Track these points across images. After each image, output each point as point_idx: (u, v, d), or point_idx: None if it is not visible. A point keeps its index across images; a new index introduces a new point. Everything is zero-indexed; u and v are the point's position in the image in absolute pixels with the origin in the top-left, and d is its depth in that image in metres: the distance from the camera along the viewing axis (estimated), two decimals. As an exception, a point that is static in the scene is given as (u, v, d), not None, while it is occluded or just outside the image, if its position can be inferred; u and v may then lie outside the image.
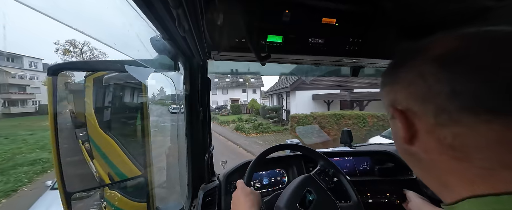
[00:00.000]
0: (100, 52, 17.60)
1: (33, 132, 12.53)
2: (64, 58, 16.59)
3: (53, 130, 0.94)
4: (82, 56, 16.87)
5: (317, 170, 0.87)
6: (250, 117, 18.01)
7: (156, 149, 1.33)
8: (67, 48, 16.95)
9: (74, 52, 16.91)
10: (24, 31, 33.12)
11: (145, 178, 1.16)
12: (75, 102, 1.40)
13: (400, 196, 1.07)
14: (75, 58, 16.74)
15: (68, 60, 15.93)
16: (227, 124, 15.74)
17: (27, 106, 20.58)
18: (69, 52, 16.91)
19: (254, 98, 24.51)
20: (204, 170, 0.98)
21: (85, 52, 17.24)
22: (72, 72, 0.97)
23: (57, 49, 16.75)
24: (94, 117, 1.24)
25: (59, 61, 15.98)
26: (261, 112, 18.10)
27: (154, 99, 5.49)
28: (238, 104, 26.25)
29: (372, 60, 0.69)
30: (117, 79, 1.31)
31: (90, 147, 1.28)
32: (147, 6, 0.46)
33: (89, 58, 17.12)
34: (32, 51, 32.26)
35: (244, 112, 23.56)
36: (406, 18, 0.54)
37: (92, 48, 17.37)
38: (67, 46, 17.01)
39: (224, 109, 26.02)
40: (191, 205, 0.97)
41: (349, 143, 1.40)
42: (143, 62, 0.75)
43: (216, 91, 32.52)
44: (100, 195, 1.58)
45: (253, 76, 31.81)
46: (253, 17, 0.48)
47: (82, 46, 16.71)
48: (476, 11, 0.47)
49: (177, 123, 1.11)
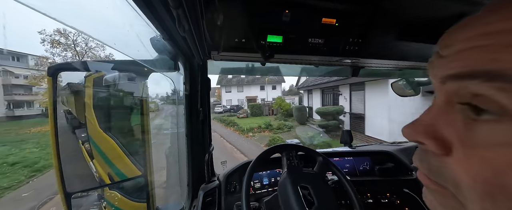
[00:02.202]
0: (96, 44, 16.02)
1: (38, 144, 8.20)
2: (54, 51, 15.10)
3: (53, 130, 0.94)
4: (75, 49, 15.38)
5: (287, 161, 0.87)
6: (280, 121, 12.70)
7: (161, 149, 1.33)
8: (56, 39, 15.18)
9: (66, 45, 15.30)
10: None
11: (145, 178, 1.16)
12: (75, 103, 1.40)
13: (400, 196, 1.07)
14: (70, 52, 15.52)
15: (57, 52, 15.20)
16: (252, 133, 10.52)
17: (32, 108, 20.41)
18: (60, 45, 15.25)
19: (282, 97, 19.10)
20: (204, 170, 0.98)
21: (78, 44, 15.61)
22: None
23: (43, 40, 15.01)
24: (94, 117, 1.24)
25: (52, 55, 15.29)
26: (296, 115, 13.09)
27: (167, 99, 5.16)
28: (257, 103, 21.17)
29: (372, 60, 0.69)
30: (117, 79, 1.31)
31: (90, 147, 1.28)
32: (147, 6, 0.46)
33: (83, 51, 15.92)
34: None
35: (266, 113, 19.13)
36: (406, 18, 0.54)
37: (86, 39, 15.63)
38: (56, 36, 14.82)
39: (242, 110, 21.07)
40: (191, 205, 0.97)
41: (349, 143, 1.40)
42: (143, 62, 0.75)
43: (231, 89, 28.65)
44: (98, 196, 1.58)
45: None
46: (253, 17, 0.48)
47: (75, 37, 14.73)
48: (476, 11, 0.47)
49: (177, 123, 1.11)
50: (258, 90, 27.99)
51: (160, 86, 1.58)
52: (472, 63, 0.15)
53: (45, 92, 1.45)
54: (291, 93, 28.23)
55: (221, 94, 28.62)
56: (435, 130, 0.19)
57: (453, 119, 0.17)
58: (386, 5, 0.50)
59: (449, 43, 0.18)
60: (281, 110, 15.84)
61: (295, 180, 0.77)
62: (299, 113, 12.72)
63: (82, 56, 15.65)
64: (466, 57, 0.16)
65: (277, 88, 28.38)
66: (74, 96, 1.42)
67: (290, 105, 16.23)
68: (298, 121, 12.54)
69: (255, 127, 11.64)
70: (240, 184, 1.01)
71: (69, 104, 1.50)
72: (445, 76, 0.18)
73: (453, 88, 0.17)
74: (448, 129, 0.18)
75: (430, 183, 0.20)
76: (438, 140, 0.18)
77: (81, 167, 1.29)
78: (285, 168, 0.84)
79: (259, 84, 27.81)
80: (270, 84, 27.66)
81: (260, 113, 18.97)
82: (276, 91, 28.00)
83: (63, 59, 15.39)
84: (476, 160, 0.15)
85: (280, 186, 0.79)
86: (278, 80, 27.20)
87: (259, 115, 18.68)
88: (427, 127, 0.19)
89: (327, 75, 1.26)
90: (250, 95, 27.13)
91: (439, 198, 0.20)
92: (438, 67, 0.19)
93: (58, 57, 15.06)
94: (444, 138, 0.18)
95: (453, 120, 0.17)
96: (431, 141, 0.18)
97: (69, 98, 1.50)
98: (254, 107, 19.57)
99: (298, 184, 0.76)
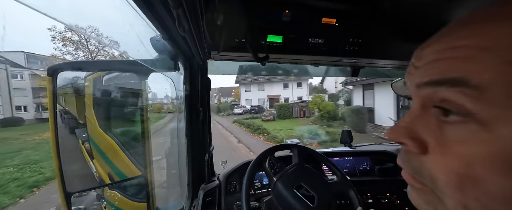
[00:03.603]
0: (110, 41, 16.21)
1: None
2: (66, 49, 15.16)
3: (53, 130, 0.94)
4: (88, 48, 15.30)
5: (269, 169, 0.86)
6: (327, 128, 9.64)
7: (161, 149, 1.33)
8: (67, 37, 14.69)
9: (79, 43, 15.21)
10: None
11: (145, 178, 1.16)
12: (75, 103, 1.40)
13: (400, 196, 1.07)
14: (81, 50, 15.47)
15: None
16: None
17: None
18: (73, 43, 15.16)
19: (321, 95, 15.00)
20: (204, 170, 0.98)
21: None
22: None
23: (54, 37, 14.89)
24: (94, 117, 1.24)
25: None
26: (351, 120, 9.17)
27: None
28: (285, 104, 17.83)
29: (372, 60, 0.69)
30: (117, 79, 1.31)
31: (90, 147, 1.28)
32: (147, 6, 0.46)
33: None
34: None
35: (296, 114, 15.68)
36: (406, 18, 0.54)
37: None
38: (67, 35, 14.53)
39: (267, 111, 17.79)
40: (191, 205, 0.97)
41: (349, 143, 1.40)
42: (143, 62, 0.75)
43: (250, 87, 25.88)
44: (97, 196, 1.58)
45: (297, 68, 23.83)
46: (253, 17, 0.48)
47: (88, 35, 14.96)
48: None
49: (177, 123, 1.11)
50: (280, 89, 24.85)
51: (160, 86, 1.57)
52: (441, 72, 0.18)
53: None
54: (315, 91, 24.64)
55: (240, 94, 26.58)
56: (414, 131, 0.21)
57: (428, 121, 0.20)
58: (386, 5, 0.50)
59: (422, 55, 0.21)
60: (320, 112, 12.76)
61: (287, 184, 0.77)
62: (356, 117, 9.04)
63: (95, 54, 15.50)
64: (437, 67, 0.18)
65: (303, 86, 24.49)
66: (74, 96, 1.42)
67: (333, 105, 13.15)
68: (355, 127, 8.47)
69: (297, 135, 8.76)
70: (240, 184, 1.01)
71: (70, 104, 1.50)
72: (420, 83, 0.20)
73: (426, 93, 0.20)
74: (424, 130, 0.20)
75: (415, 182, 0.22)
76: (416, 140, 0.20)
77: (81, 166, 1.29)
78: (273, 177, 0.82)
79: (282, 82, 24.50)
80: (295, 81, 24.09)
81: (289, 115, 15.80)
82: (302, 89, 24.36)
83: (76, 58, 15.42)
84: (448, 157, 0.17)
85: (276, 198, 0.78)
86: (304, 76, 20.78)
87: (288, 117, 15.61)
88: (406, 129, 0.21)
89: (327, 75, 1.26)
90: (272, 94, 24.37)
91: (421, 195, 0.21)
92: (414, 76, 0.21)
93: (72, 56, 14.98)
94: (421, 138, 0.20)
95: (428, 122, 0.19)
96: (410, 141, 0.20)
97: (69, 98, 1.50)
98: (282, 107, 16.29)
99: (293, 186, 0.76)
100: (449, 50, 0.18)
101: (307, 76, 19.79)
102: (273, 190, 0.80)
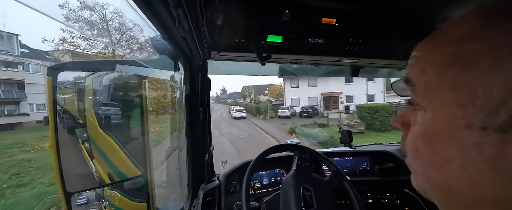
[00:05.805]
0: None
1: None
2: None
3: (53, 129, 0.94)
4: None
5: (297, 161, 0.87)
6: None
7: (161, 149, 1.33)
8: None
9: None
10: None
11: (145, 178, 1.16)
12: (75, 102, 1.40)
13: (400, 196, 1.07)
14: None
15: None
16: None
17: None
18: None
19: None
20: (204, 170, 0.98)
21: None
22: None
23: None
24: (94, 116, 1.24)
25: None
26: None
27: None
28: (378, 105, 10.86)
29: (372, 60, 0.69)
30: (118, 79, 1.31)
31: (90, 147, 1.28)
32: (147, 6, 0.46)
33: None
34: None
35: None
36: (405, 18, 0.54)
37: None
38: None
39: (350, 119, 10.59)
40: (191, 205, 0.97)
41: (349, 143, 1.40)
42: (143, 62, 0.75)
43: (298, 83, 20.03)
44: (96, 196, 1.58)
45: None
46: (253, 17, 0.48)
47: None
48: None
49: (177, 123, 1.11)
50: (342, 84, 18.17)
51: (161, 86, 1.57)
52: (407, 73, 0.24)
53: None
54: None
55: (284, 91, 21.37)
56: (405, 118, 0.27)
57: (410, 109, 0.26)
58: (385, 5, 0.50)
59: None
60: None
61: (300, 180, 0.77)
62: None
63: (95, 55, 15.07)
64: (408, 68, 0.25)
65: (376, 80, 16.75)
66: (75, 96, 1.42)
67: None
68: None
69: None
70: (240, 184, 1.01)
71: (70, 104, 1.50)
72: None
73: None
74: (409, 116, 0.26)
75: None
76: (405, 125, 0.27)
77: (81, 166, 1.29)
78: (294, 166, 0.84)
79: (343, 76, 13.91)
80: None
81: (387, 123, 9.35)
82: (376, 84, 17.21)
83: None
84: (411, 135, 0.24)
85: (284, 183, 0.80)
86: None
87: (385, 127, 9.48)
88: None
89: (327, 75, 1.26)
90: (329, 92, 18.47)
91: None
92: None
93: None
94: (408, 123, 0.26)
95: (410, 110, 0.26)
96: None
97: (69, 98, 1.50)
98: (377, 110, 9.59)
99: (302, 184, 0.76)
100: (412, 58, 0.24)
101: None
102: (286, 178, 0.81)
